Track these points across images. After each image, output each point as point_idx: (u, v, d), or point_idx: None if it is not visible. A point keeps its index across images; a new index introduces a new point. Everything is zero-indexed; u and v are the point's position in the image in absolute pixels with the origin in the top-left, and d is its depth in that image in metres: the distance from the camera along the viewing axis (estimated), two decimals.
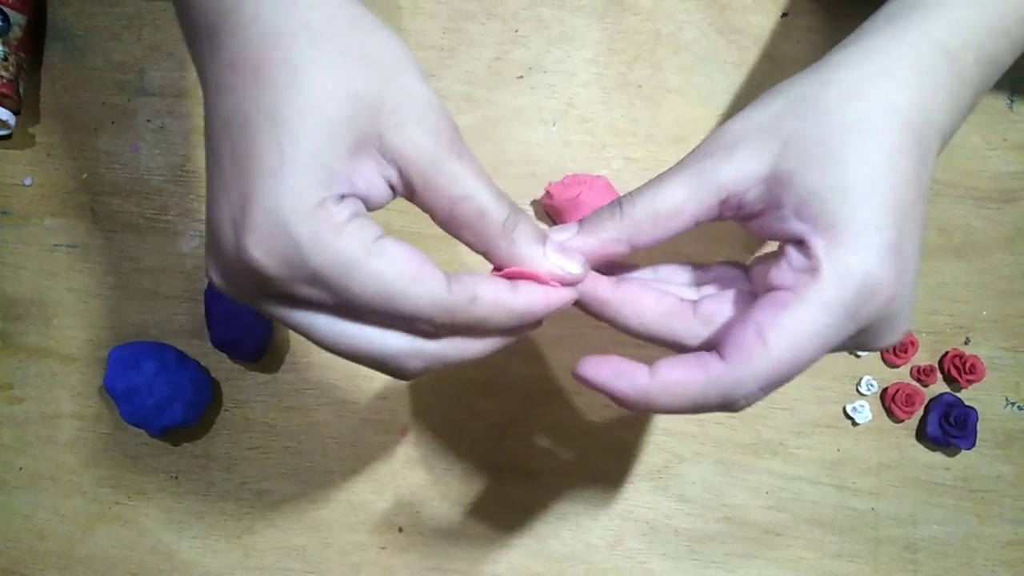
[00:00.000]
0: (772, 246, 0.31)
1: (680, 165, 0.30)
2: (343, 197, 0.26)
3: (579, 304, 0.31)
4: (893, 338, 0.29)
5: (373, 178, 0.27)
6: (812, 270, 0.27)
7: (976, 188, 0.52)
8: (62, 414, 0.50)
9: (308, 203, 0.25)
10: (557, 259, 0.30)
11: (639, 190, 0.30)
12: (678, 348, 0.30)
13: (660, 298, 0.31)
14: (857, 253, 0.26)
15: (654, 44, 0.52)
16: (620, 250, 0.31)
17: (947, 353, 0.51)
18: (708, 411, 0.29)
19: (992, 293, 0.51)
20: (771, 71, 0.52)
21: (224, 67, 0.27)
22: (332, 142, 0.26)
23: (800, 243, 0.28)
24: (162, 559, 0.49)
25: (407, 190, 0.28)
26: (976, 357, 0.50)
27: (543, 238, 0.30)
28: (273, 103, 0.26)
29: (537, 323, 0.30)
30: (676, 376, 0.28)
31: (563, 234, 0.31)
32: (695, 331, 0.30)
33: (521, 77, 0.52)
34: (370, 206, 0.28)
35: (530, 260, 0.29)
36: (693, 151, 0.31)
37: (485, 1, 0.52)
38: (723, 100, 0.52)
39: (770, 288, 0.28)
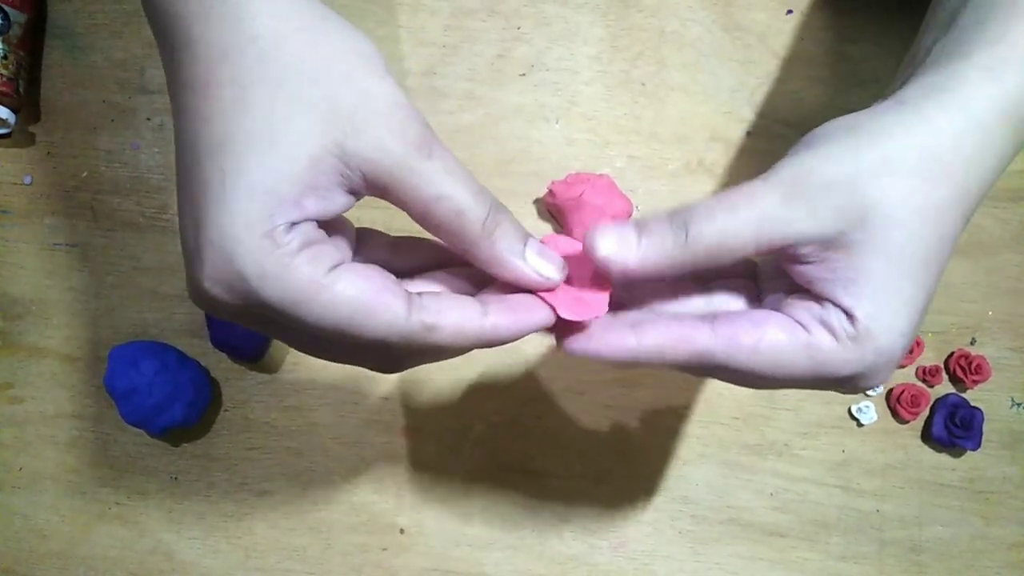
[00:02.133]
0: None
1: (751, 201, 0.28)
2: (293, 224, 0.25)
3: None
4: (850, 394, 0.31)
5: (331, 190, 0.26)
6: (841, 334, 0.27)
7: None
8: (62, 414, 0.49)
9: (254, 234, 0.24)
10: (536, 262, 0.28)
11: (708, 217, 0.28)
12: None
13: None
14: (880, 351, 0.27)
15: (658, 41, 0.52)
16: (670, 273, 0.29)
17: (953, 353, 0.50)
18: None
19: (998, 293, 0.51)
20: (776, 68, 0.52)
21: (180, 86, 0.26)
22: (281, 164, 0.25)
23: (842, 308, 0.28)
24: (162, 559, 0.49)
25: (377, 192, 0.27)
26: (982, 357, 0.50)
27: (524, 238, 0.28)
28: (220, 126, 0.25)
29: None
30: (663, 343, 0.28)
31: (621, 244, 0.28)
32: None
33: (523, 74, 0.52)
34: (329, 217, 0.27)
35: (510, 263, 0.28)
36: (769, 181, 0.28)
37: None
38: (728, 97, 0.52)
39: (784, 311, 0.29)
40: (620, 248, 0.28)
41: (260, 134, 0.25)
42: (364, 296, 0.26)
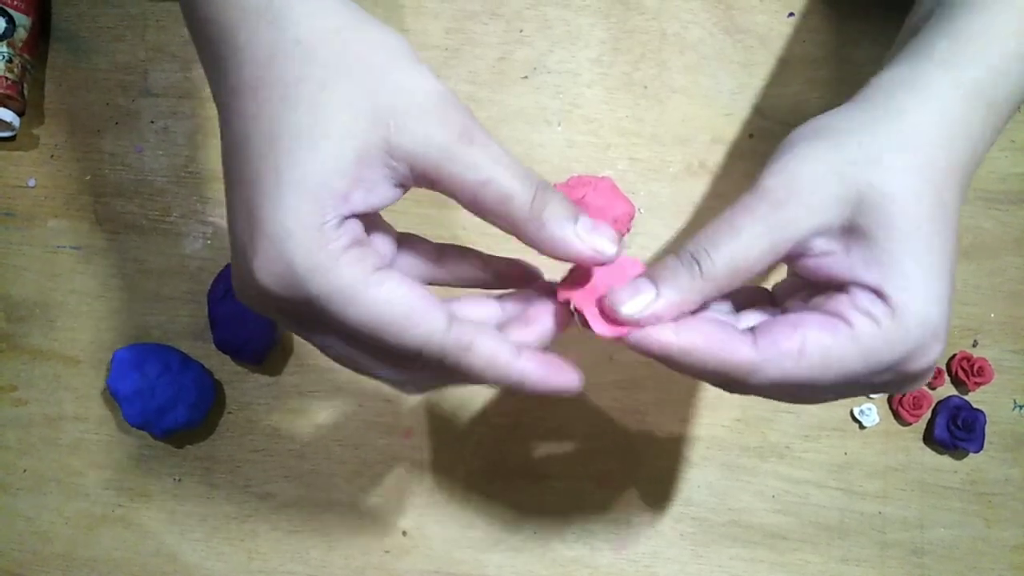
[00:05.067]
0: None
1: (751, 215, 0.28)
2: (343, 220, 0.26)
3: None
4: (913, 388, 0.30)
5: (378, 183, 0.27)
6: (878, 315, 0.27)
7: (985, 189, 0.51)
8: (65, 416, 0.50)
9: (305, 228, 0.25)
10: (591, 239, 0.28)
11: (715, 245, 0.28)
12: None
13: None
14: (922, 321, 0.27)
15: (659, 44, 0.52)
16: (698, 306, 0.29)
17: (955, 355, 0.50)
18: (711, 381, 0.29)
19: (1000, 295, 0.51)
20: (777, 71, 0.52)
21: (228, 91, 0.27)
22: (330, 159, 0.26)
23: (869, 288, 0.28)
24: (165, 562, 0.49)
25: (426, 183, 0.27)
26: (984, 360, 0.50)
27: (575, 215, 0.28)
28: (270, 125, 0.26)
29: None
30: (697, 343, 0.28)
31: (642, 300, 0.28)
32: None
33: (525, 77, 0.52)
34: (376, 209, 0.27)
35: (562, 243, 0.28)
36: (759, 194, 0.29)
37: (489, 1, 0.52)
38: (729, 100, 0.52)
39: (816, 309, 0.29)
40: (642, 305, 0.28)
41: (309, 130, 0.26)
42: (408, 301, 0.26)
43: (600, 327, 0.29)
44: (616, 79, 0.52)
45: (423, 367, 0.28)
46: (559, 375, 0.29)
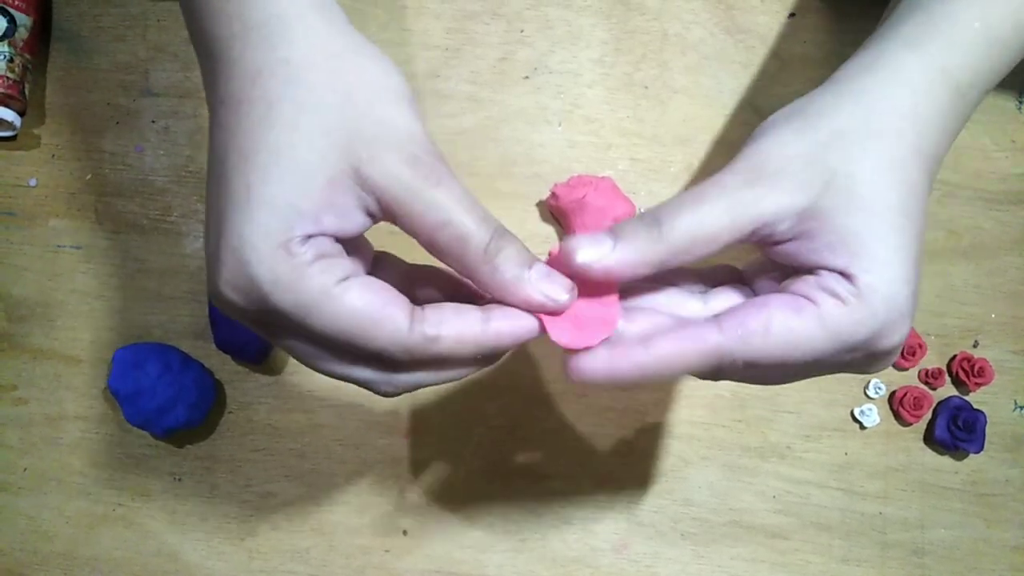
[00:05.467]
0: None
1: (718, 188, 0.29)
2: (310, 237, 0.26)
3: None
4: (881, 367, 0.30)
5: (348, 210, 0.27)
6: (844, 295, 0.28)
7: (985, 190, 0.51)
8: (66, 416, 0.50)
9: (270, 244, 0.26)
10: (542, 286, 0.28)
11: (678, 210, 0.29)
12: None
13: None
14: (888, 301, 0.28)
15: (660, 44, 0.52)
16: (650, 272, 0.29)
17: (955, 356, 0.50)
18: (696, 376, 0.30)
19: (1001, 295, 0.51)
20: (778, 71, 0.52)
21: (217, 102, 0.28)
22: (301, 180, 0.26)
23: (835, 271, 0.28)
24: (166, 561, 0.49)
25: (390, 217, 0.28)
26: (985, 360, 0.50)
27: (529, 263, 0.28)
28: (247, 141, 0.27)
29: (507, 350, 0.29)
30: (671, 349, 0.28)
31: (597, 249, 0.28)
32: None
33: (526, 77, 0.52)
34: (347, 236, 0.28)
35: (513, 287, 0.28)
36: (730, 171, 0.29)
37: (490, 1, 0.52)
38: (730, 100, 0.52)
39: (782, 290, 0.29)
40: (596, 254, 0.28)
41: (283, 150, 0.26)
42: (370, 308, 0.27)
43: (563, 336, 0.29)
44: (617, 79, 0.52)
45: (396, 367, 0.28)
46: (523, 320, 0.29)
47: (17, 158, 0.51)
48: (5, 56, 0.49)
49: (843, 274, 0.28)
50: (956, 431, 0.49)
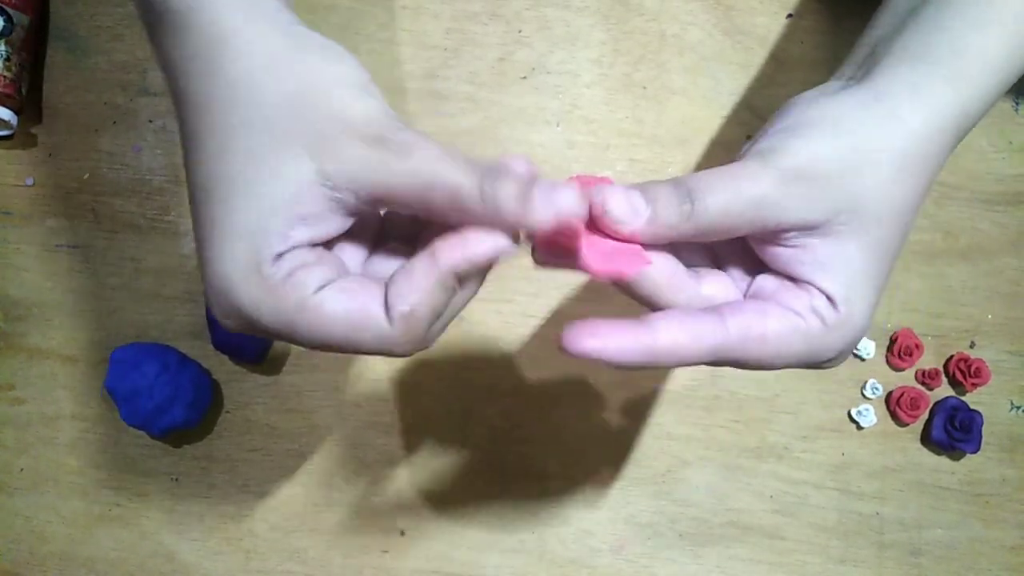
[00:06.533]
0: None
1: (752, 178, 0.28)
2: (281, 255, 0.26)
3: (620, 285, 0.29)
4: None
5: (321, 216, 0.27)
6: (829, 320, 0.29)
7: (982, 191, 0.52)
8: (63, 415, 0.49)
9: (242, 270, 0.26)
10: (553, 200, 0.27)
11: (712, 190, 0.28)
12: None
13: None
14: (858, 331, 0.30)
15: (659, 45, 0.52)
16: (669, 241, 0.29)
17: (952, 356, 0.50)
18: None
19: (998, 296, 0.51)
20: (776, 72, 0.52)
21: (183, 137, 0.28)
22: (262, 204, 0.26)
23: (824, 294, 0.29)
24: (163, 561, 0.49)
25: (379, 204, 0.27)
26: (981, 360, 0.50)
27: (529, 186, 0.27)
28: (205, 176, 0.27)
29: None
30: (679, 339, 0.28)
31: (630, 209, 0.28)
32: (694, 304, 0.30)
33: (525, 78, 0.52)
34: (327, 239, 0.28)
35: (524, 216, 0.27)
36: (763, 160, 0.29)
37: (489, 1, 0.52)
38: (728, 101, 0.52)
39: (780, 302, 0.30)
40: (629, 211, 0.28)
41: (241, 178, 0.26)
42: (348, 315, 0.27)
43: (594, 261, 0.27)
44: (616, 80, 0.52)
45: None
46: (476, 239, 0.27)
47: (14, 157, 0.51)
48: (2, 55, 0.49)
49: (828, 297, 0.29)
50: (953, 431, 0.49)
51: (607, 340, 0.27)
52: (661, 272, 0.29)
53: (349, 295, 0.27)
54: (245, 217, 0.26)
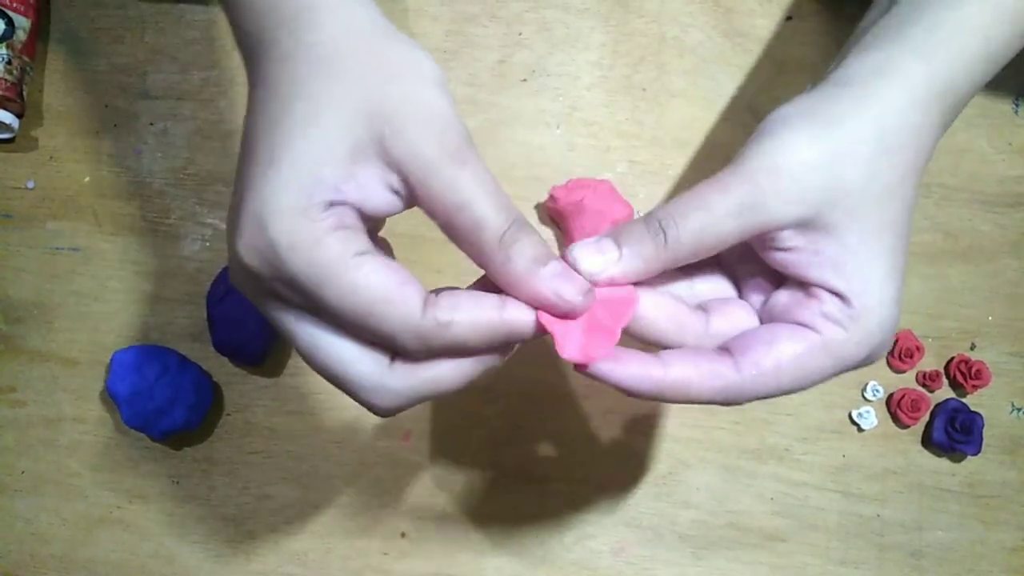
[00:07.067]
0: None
1: (722, 191, 0.28)
2: (331, 205, 0.26)
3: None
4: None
5: (372, 185, 0.27)
6: (845, 321, 0.28)
7: (982, 192, 0.52)
8: (64, 418, 0.50)
9: (290, 207, 0.25)
10: (555, 283, 0.27)
11: (683, 215, 0.28)
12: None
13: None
14: (883, 323, 0.29)
15: (659, 47, 0.52)
16: (655, 274, 0.29)
17: (953, 358, 0.50)
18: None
19: (998, 298, 0.51)
20: (776, 74, 0.52)
21: (252, 86, 0.29)
22: (324, 149, 0.26)
23: (834, 292, 0.29)
24: (163, 564, 0.49)
25: (411, 197, 0.28)
26: (982, 362, 0.50)
27: (545, 259, 0.28)
28: (275, 112, 0.27)
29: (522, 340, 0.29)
30: (690, 376, 0.28)
31: (602, 258, 0.29)
32: (703, 342, 0.30)
33: (525, 80, 0.52)
34: (370, 213, 0.27)
35: (525, 280, 0.27)
36: (735, 172, 0.29)
37: (488, 4, 0.52)
38: (728, 103, 0.52)
39: (790, 317, 0.29)
40: (602, 262, 0.29)
41: (308, 118, 0.26)
42: (384, 286, 0.26)
43: (570, 350, 0.28)
44: (616, 82, 0.52)
45: (403, 355, 0.28)
46: (528, 312, 0.28)
47: (15, 160, 0.51)
48: (3, 58, 0.49)
49: (840, 295, 0.28)
50: (954, 433, 0.49)
51: (616, 365, 0.28)
52: (659, 314, 0.29)
53: (392, 270, 0.26)
54: (304, 156, 0.26)
